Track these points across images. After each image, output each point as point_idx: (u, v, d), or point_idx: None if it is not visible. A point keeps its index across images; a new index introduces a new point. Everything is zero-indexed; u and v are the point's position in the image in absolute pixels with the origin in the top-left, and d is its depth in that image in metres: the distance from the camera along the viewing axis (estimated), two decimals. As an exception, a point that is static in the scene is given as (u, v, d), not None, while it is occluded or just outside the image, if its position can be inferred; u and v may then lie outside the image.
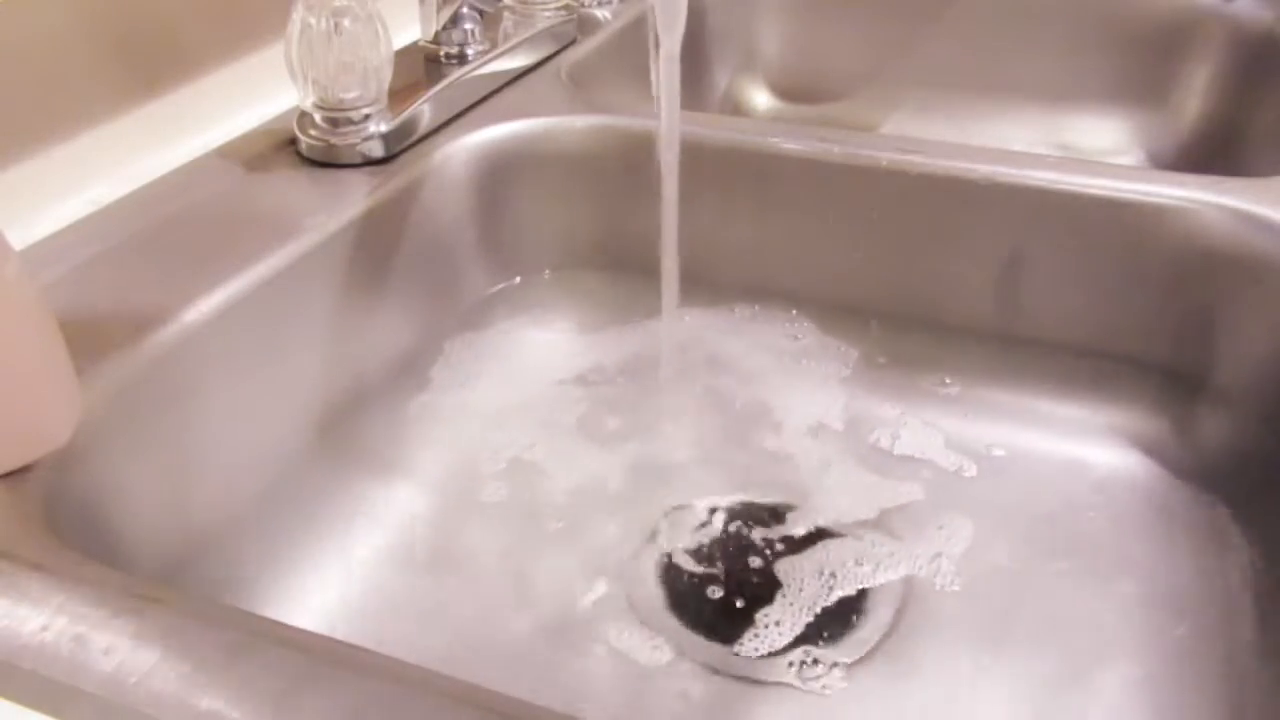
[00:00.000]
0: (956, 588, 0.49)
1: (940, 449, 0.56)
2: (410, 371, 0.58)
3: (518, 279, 0.65)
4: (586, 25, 0.75)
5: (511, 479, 0.54)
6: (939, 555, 0.50)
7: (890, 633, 0.47)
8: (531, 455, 0.56)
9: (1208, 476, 0.54)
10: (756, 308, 0.63)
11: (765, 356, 0.61)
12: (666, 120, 0.51)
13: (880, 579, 0.49)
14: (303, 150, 0.57)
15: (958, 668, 0.45)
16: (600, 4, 0.78)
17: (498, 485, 0.54)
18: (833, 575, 0.49)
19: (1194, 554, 0.50)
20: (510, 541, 0.51)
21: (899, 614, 0.47)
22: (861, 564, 0.50)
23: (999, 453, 0.56)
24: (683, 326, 0.62)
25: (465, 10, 0.64)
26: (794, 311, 0.62)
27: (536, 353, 0.61)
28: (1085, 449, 0.56)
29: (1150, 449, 0.56)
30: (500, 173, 0.62)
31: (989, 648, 0.46)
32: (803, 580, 0.49)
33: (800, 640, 0.47)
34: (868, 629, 0.47)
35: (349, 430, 0.54)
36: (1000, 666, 0.45)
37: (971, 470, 0.55)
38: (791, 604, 0.48)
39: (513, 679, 0.45)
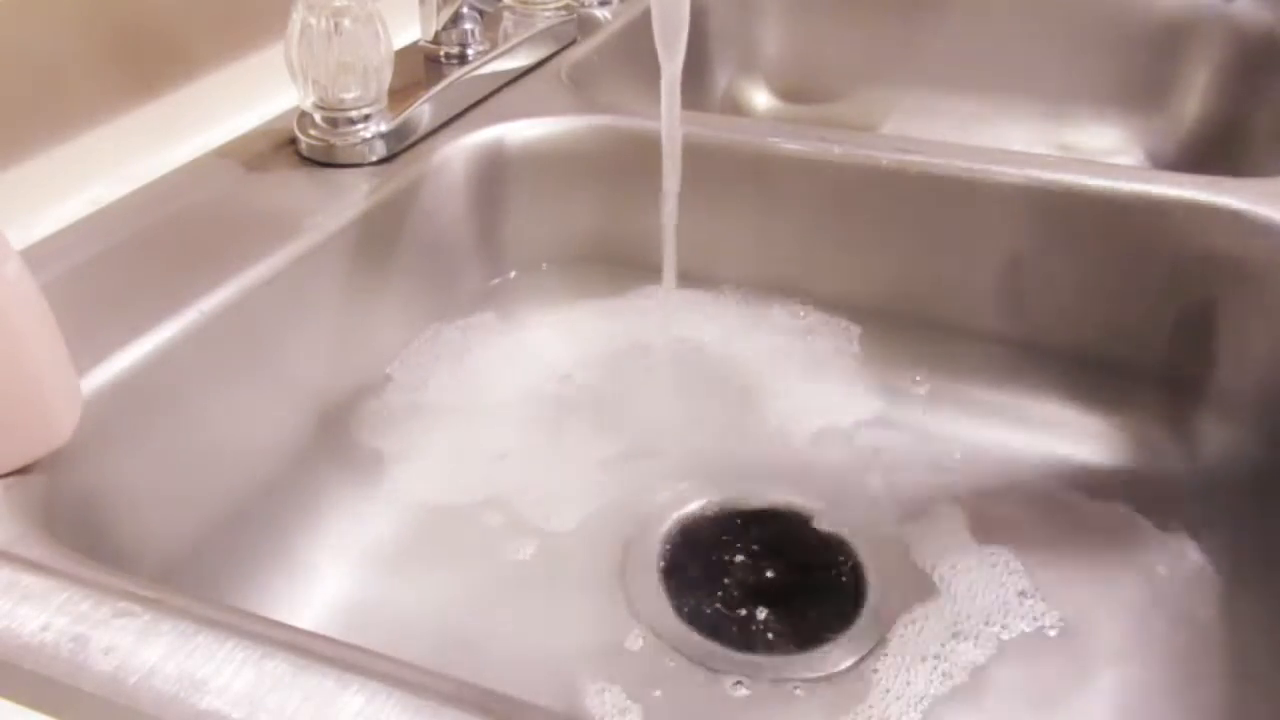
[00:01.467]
0: (950, 590, 0.48)
1: (936, 448, 0.56)
2: (409, 370, 0.58)
3: (516, 277, 0.65)
4: (586, 25, 0.75)
5: (513, 479, 0.54)
6: (933, 559, 0.50)
7: (883, 638, 0.47)
8: (533, 455, 0.55)
9: (1206, 478, 0.54)
10: (756, 307, 0.63)
11: (763, 356, 0.61)
12: (668, 144, 0.52)
13: (871, 578, 0.49)
14: (303, 150, 0.57)
15: (954, 672, 0.45)
16: (600, 4, 0.78)
17: (499, 487, 0.54)
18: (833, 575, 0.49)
19: (1193, 558, 0.50)
20: (509, 542, 0.51)
21: (890, 618, 0.47)
22: (852, 557, 0.50)
23: (996, 453, 0.56)
24: (681, 325, 0.62)
25: (465, 10, 0.64)
26: (794, 311, 0.62)
27: (534, 351, 0.61)
28: (1084, 450, 0.56)
29: (1149, 450, 0.56)
30: (500, 173, 0.62)
31: (985, 653, 0.46)
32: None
33: (784, 645, 0.47)
34: (858, 634, 0.47)
35: (349, 429, 0.54)
36: (997, 672, 0.45)
37: (967, 471, 0.55)
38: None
39: (512, 679, 0.45)
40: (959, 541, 0.51)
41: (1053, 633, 0.46)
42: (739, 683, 0.45)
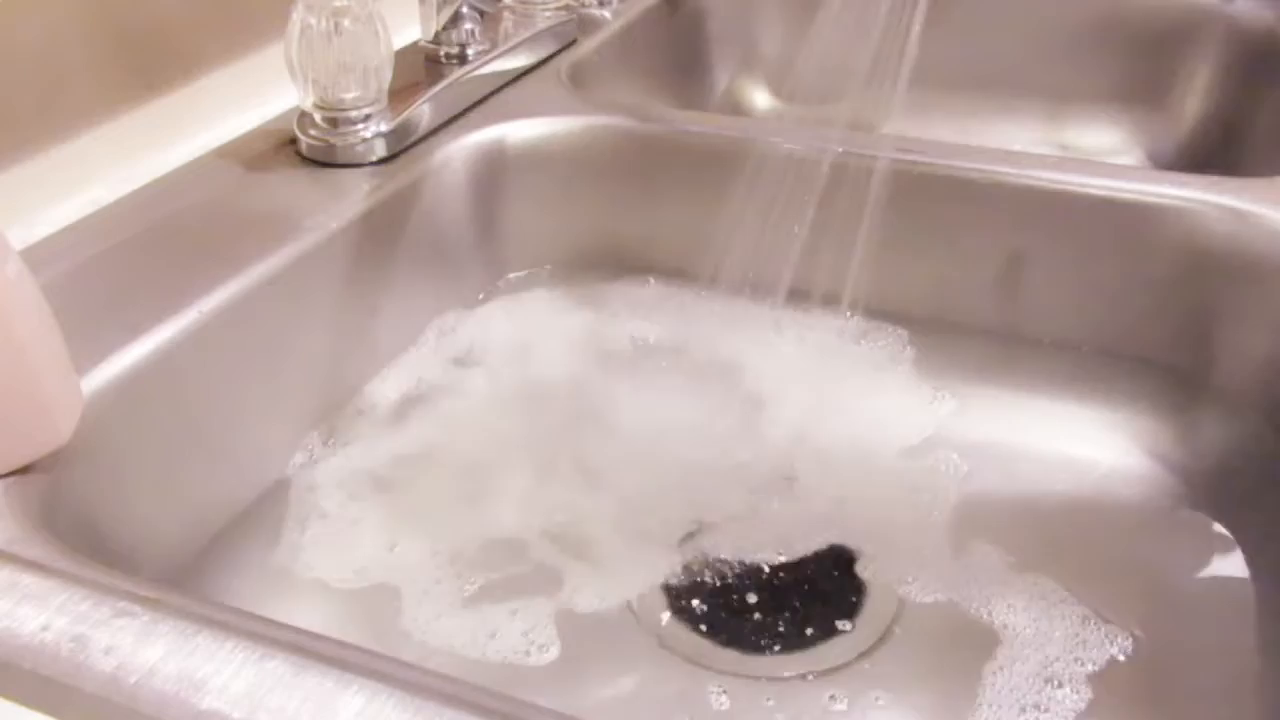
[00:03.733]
0: (951, 588, 0.48)
1: (936, 447, 0.56)
2: (409, 370, 0.58)
3: (516, 278, 0.65)
4: (586, 25, 0.75)
5: (514, 480, 0.54)
6: (932, 554, 0.50)
7: (883, 637, 0.46)
8: (534, 455, 0.56)
9: (1207, 476, 0.54)
10: (753, 309, 0.63)
11: (761, 356, 0.60)
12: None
13: (872, 578, 0.49)
14: (303, 150, 0.57)
15: (954, 668, 0.45)
16: (600, 4, 0.78)
17: (499, 488, 0.54)
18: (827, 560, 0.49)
19: (1193, 554, 0.50)
20: (511, 543, 0.51)
21: (892, 619, 0.47)
22: (856, 558, 0.50)
23: (997, 451, 0.56)
24: (680, 325, 0.62)
25: (465, 10, 0.64)
26: (793, 313, 0.62)
27: (535, 351, 0.61)
28: (1084, 449, 0.56)
29: (1150, 449, 0.56)
30: (500, 173, 0.62)
31: (984, 649, 0.46)
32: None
33: (796, 644, 0.46)
34: (857, 636, 0.47)
35: (349, 428, 0.54)
36: (994, 668, 0.45)
37: (968, 469, 0.55)
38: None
39: (513, 682, 0.45)
40: (957, 539, 0.50)
41: (1049, 628, 0.46)
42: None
